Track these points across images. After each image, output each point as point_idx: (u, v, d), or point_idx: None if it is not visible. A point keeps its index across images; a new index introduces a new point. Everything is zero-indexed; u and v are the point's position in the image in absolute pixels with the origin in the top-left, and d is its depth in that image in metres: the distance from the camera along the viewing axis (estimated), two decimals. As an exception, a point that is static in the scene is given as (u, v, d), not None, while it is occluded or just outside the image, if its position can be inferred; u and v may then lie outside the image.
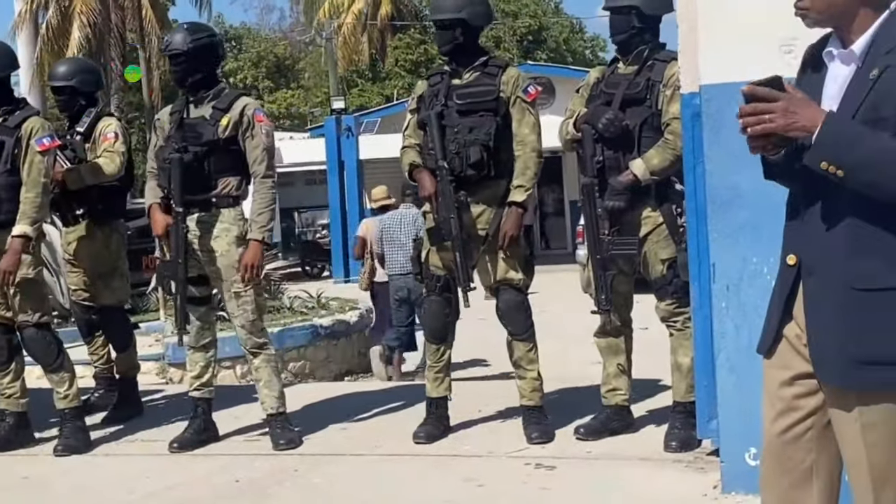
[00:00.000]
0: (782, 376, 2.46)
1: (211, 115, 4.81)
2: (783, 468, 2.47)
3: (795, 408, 2.44)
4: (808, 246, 2.36)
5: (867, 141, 2.22)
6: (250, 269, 4.72)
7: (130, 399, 5.70)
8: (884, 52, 2.28)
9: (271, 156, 4.84)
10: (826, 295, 2.32)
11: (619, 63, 4.60)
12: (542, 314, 4.79)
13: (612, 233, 4.41)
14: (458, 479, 4.21)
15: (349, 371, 8.79)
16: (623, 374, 4.64)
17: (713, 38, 3.69)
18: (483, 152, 4.58)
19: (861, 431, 2.31)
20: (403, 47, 33.94)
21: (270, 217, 4.79)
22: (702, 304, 3.93)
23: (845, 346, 2.29)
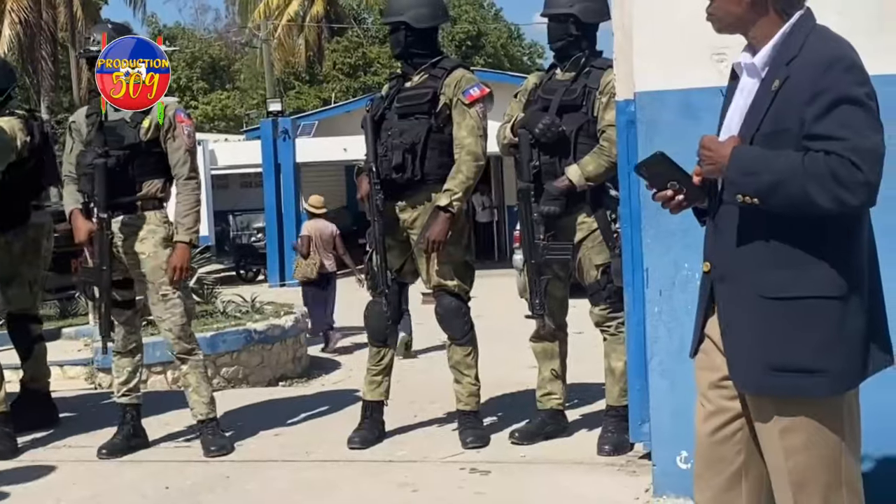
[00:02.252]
0: (710, 378, 2.50)
1: (132, 118, 4.73)
2: (714, 469, 2.50)
3: (724, 409, 2.48)
4: (720, 255, 2.42)
5: (772, 165, 2.25)
6: (178, 271, 4.66)
7: (40, 410, 5.49)
8: (784, 63, 2.32)
9: (194, 157, 4.79)
10: (737, 303, 2.38)
11: (557, 70, 4.62)
12: (478, 319, 4.79)
13: (548, 238, 4.43)
14: (393, 485, 4.19)
15: (283, 376, 8.70)
16: (557, 378, 4.66)
17: (647, 46, 3.73)
18: (407, 155, 4.56)
19: (779, 436, 2.35)
20: (341, 50, 33.84)
21: (196, 218, 4.75)
22: (635, 308, 3.96)
23: (756, 353, 2.34)
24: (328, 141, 19.94)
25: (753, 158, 2.29)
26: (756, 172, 2.26)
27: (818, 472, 2.35)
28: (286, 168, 19.71)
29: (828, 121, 2.23)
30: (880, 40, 3.23)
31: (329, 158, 19.86)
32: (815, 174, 2.20)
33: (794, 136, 2.27)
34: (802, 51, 2.31)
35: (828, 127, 2.23)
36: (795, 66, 2.29)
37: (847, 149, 2.20)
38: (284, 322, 8.94)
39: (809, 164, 2.22)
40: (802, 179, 2.21)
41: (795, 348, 2.30)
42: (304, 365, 9.16)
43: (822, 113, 2.23)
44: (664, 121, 3.68)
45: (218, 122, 34.61)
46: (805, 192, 2.21)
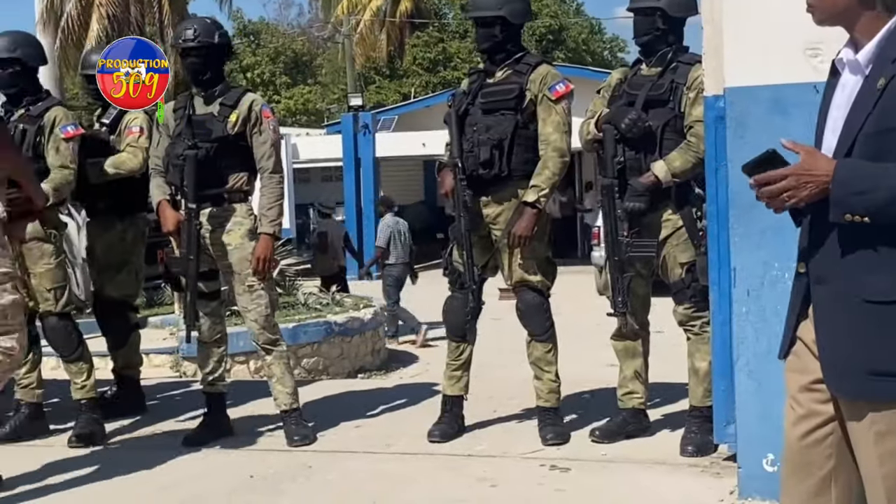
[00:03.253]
0: (802, 381, 2.45)
1: (219, 112, 4.81)
2: (803, 473, 2.45)
3: (815, 413, 2.42)
4: (819, 256, 2.35)
5: (880, 181, 2.19)
6: (262, 262, 4.73)
7: (131, 397, 5.64)
8: (890, 61, 2.24)
9: (278, 151, 4.88)
10: (837, 306, 2.31)
11: (642, 65, 4.57)
12: (556, 316, 4.77)
13: (632, 235, 4.38)
14: (472, 479, 4.19)
15: (362, 368, 8.79)
16: (639, 377, 4.62)
17: (738, 41, 3.66)
18: (494, 151, 4.55)
19: (874, 441, 2.30)
20: (422, 45, 33.95)
21: (280, 211, 4.83)
22: (721, 308, 3.90)
23: (856, 358, 2.28)
24: (407, 136, 20.03)
25: (861, 176, 2.21)
26: (866, 191, 2.19)
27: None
28: (366, 162, 19.87)
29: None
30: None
31: (408, 153, 19.97)
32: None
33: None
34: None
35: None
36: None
37: None
38: (364, 315, 9.04)
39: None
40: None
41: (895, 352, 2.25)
42: (382, 358, 9.24)
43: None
44: (754, 117, 3.61)
45: (300, 116, 35.02)
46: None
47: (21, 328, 3.99)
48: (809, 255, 2.39)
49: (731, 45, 3.68)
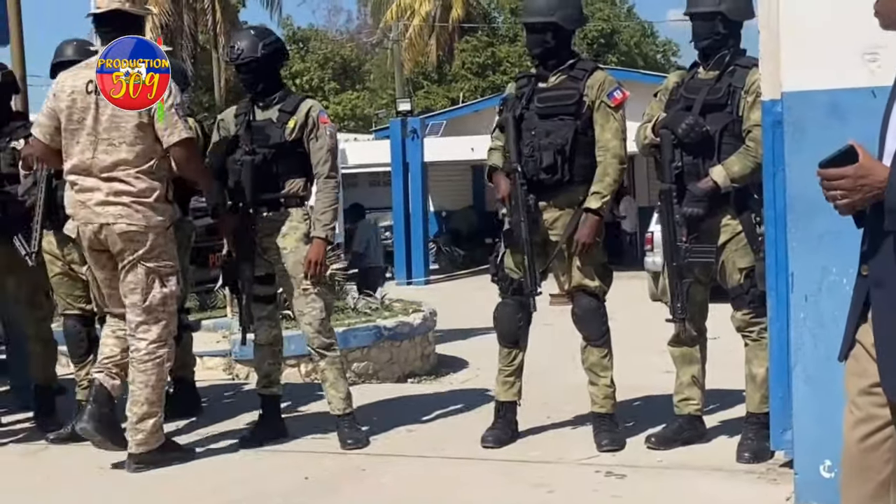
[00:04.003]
0: (861, 384, 2.44)
1: (278, 118, 4.88)
2: (862, 477, 2.44)
3: (874, 416, 2.41)
4: (879, 259, 2.34)
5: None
6: (314, 265, 4.78)
7: (186, 398, 5.68)
8: None
9: (334, 156, 4.92)
10: (894, 308, 2.28)
11: (699, 68, 4.54)
12: (611, 321, 4.75)
13: (690, 240, 4.36)
14: (527, 485, 4.20)
15: (412, 373, 8.82)
16: (696, 384, 4.58)
17: (795, 45, 3.64)
18: (557, 156, 4.56)
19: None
20: (470, 50, 33.99)
21: (334, 216, 4.87)
22: (778, 314, 3.87)
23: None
24: (456, 140, 20.09)
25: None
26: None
27: None
28: (414, 167, 19.93)
29: None
30: None
31: (456, 158, 20.01)
32: None
33: None
34: None
35: None
36: None
37: None
38: (413, 319, 9.07)
39: None
40: None
41: None
42: (432, 363, 9.27)
43: None
44: (811, 121, 3.59)
45: (348, 121, 35.23)
46: None
47: (171, 318, 4.67)
48: (870, 258, 2.38)
49: (787, 49, 3.66)
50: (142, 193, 4.54)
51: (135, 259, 4.54)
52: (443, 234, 22.32)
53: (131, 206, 4.52)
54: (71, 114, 4.58)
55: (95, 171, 4.55)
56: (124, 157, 4.53)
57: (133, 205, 4.52)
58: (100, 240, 4.57)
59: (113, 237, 4.53)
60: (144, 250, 4.54)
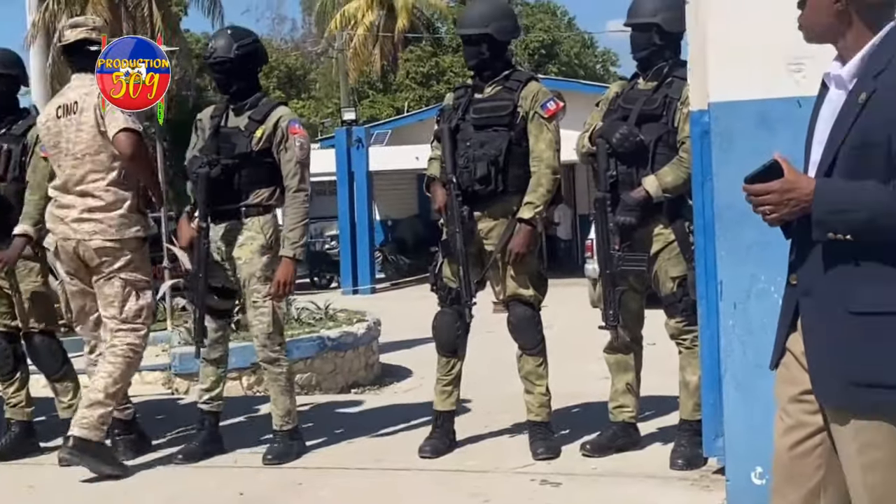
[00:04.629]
0: (791, 391, 2.46)
1: (246, 126, 4.80)
2: (792, 484, 2.46)
3: (805, 423, 2.44)
4: (806, 268, 2.37)
5: (861, 200, 2.22)
6: (281, 286, 4.70)
7: None
8: (873, 76, 2.27)
9: (305, 168, 4.79)
10: (822, 317, 2.33)
11: (639, 79, 4.59)
12: (548, 329, 4.78)
13: (623, 248, 4.40)
14: (464, 495, 4.20)
15: (356, 383, 8.78)
16: (631, 391, 4.62)
17: (722, 56, 3.69)
18: (490, 167, 4.58)
19: (857, 452, 2.31)
20: (415, 60, 34.03)
21: (303, 233, 4.76)
22: (709, 321, 3.91)
23: (841, 368, 2.30)
24: (401, 149, 20.09)
25: (840, 195, 2.25)
26: (846, 210, 2.23)
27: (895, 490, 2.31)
28: (359, 176, 19.91)
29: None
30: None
31: (402, 167, 20.02)
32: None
33: (882, 151, 2.23)
34: (892, 64, 2.26)
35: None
36: (885, 80, 2.25)
37: None
38: (357, 329, 9.03)
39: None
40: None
41: (880, 364, 2.26)
42: (376, 372, 9.24)
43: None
44: (739, 131, 3.64)
45: (293, 130, 34.96)
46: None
47: (148, 329, 4.84)
48: (798, 267, 2.41)
49: (714, 60, 3.71)
50: (112, 206, 4.68)
51: (112, 272, 4.68)
52: (389, 242, 22.30)
53: (104, 222, 4.67)
54: (48, 140, 4.81)
55: (70, 187, 4.71)
56: (90, 168, 4.67)
57: (106, 220, 4.67)
58: (78, 255, 4.70)
59: (90, 252, 4.67)
60: (121, 264, 4.68)
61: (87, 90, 4.76)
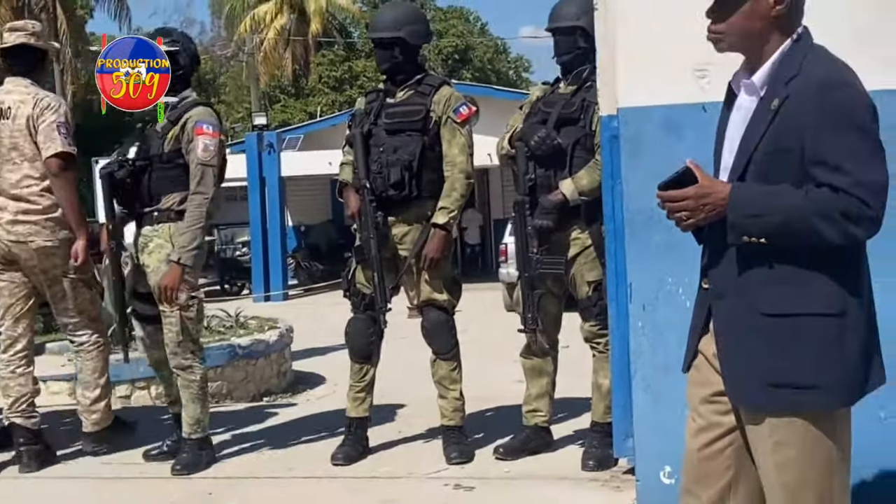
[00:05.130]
0: (702, 393, 2.49)
1: (163, 128, 4.71)
2: (703, 485, 2.49)
3: (716, 424, 2.47)
4: (718, 271, 2.40)
5: (776, 204, 2.26)
6: (165, 290, 4.57)
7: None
8: (784, 82, 2.30)
9: (207, 170, 4.58)
10: (736, 320, 2.37)
11: (561, 83, 4.61)
12: (462, 333, 4.79)
13: (541, 251, 4.42)
14: (377, 501, 4.17)
15: (268, 391, 8.67)
16: (545, 395, 4.65)
17: (631, 62, 3.73)
18: (404, 172, 4.57)
19: (771, 451, 2.35)
20: (327, 64, 33.88)
21: (193, 237, 4.56)
22: (619, 323, 3.95)
23: (756, 369, 2.33)
24: (313, 154, 19.96)
25: (755, 199, 2.27)
26: (761, 214, 2.26)
27: (809, 488, 2.35)
28: (271, 182, 19.72)
29: (836, 148, 2.23)
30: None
31: (314, 172, 19.90)
32: (824, 213, 2.22)
33: (795, 156, 2.26)
34: (803, 70, 2.30)
35: (835, 155, 2.23)
36: (796, 86, 2.28)
37: (854, 185, 2.21)
38: (269, 337, 8.92)
39: (818, 202, 2.22)
40: (811, 218, 2.22)
41: (792, 364, 2.30)
42: (288, 380, 9.14)
43: (829, 138, 2.23)
44: (647, 136, 3.69)
45: (203, 135, 34.49)
46: (814, 229, 2.23)
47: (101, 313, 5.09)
48: (710, 271, 2.43)
49: (623, 65, 3.75)
50: (48, 210, 4.76)
51: (58, 274, 4.83)
52: (301, 248, 22.14)
53: (39, 224, 4.75)
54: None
55: (5, 189, 4.77)
56: (27, 174, 4.75)
57: (41, 222, 4.75)
58: (13, 254, 4.79)
59: (29, 253, 4.77)
60: (65, 265, 4.81)
61: (21, 98, 4.77)
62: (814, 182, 2.25)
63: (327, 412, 5.89)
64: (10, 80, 4.88)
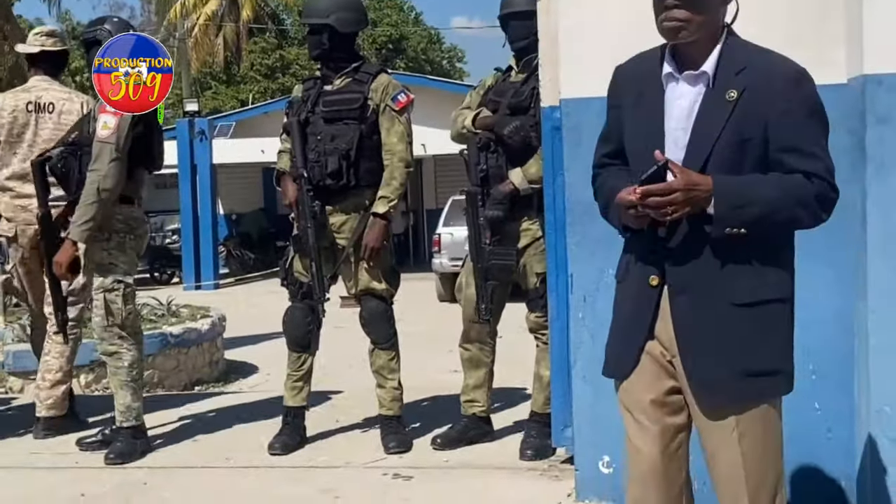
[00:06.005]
0: (649, 396, 2.44)
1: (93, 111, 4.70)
2: (663, 489, 2.46)
3: (669, 426, 2.44)
4: (678, 267, 2.35)
5: (758, 195, 2.28)
6: (59, 266, 4.59)
7: None
8: (734, 74, 2.32)
9: (103, 148, 4.49)
10: (704, 313, 2.34)
11: (512, 71, 4.60)
12: (397, 323, 4.77)
13: (493, 242, 4.42)
14: (315, 491, 4.15)
15: (199, 380, 8.56)
16: (483, 385, 4.65)
17: (573, 53, 3.74)
18: (342, 161, 4.53)
19: (738, 441, 2.36)
20: (259, 51, 33.52)
21: (82, 213, 4.48)
22: (559, 314, 3.98)
23: (728, 361, 2.33)
24: (245, 142, 19.74)
25: (736, 190, 2.28)
26: (744, 205, 2.27)
27: (770, 470, 2.39)
28: (202, 169, 19.43)
29: (808, 136, 2.31)
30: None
31: (246, 160, 19.68)
32: (803, 200, 2.30)
33: (756, 146, 2.30)
34: (753, 62, 2.33)
35: (808, 142, 2.31)
36: (753, 77, 2.30)
37: (825, 170, 2.31)
38: (201, 325, 8.81)
39: (797, 189, 2.29)
40: (792, 206, 2.30)
41: (762, 352, 2.34)
42: (220, 369, 9.03)
43: (802, 127, 2.31)
44: (589, 127, 3.68)
45: (132, 121, 33.93)
46: (794, 217, 2.32)
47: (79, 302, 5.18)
48: (668, 266, 2.37)
49: (565, 56, 3.76)
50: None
51: None
52: (233, 237, 21.88)
53: None
54: (11, 129, 5.09)
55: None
56: None
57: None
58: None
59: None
60: None
61: (65, 96, 5.20)
62: (782, 169, 2.30)
63: (261, 401, 5.84)
64: (42, 77, 5.24)
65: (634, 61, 2.55)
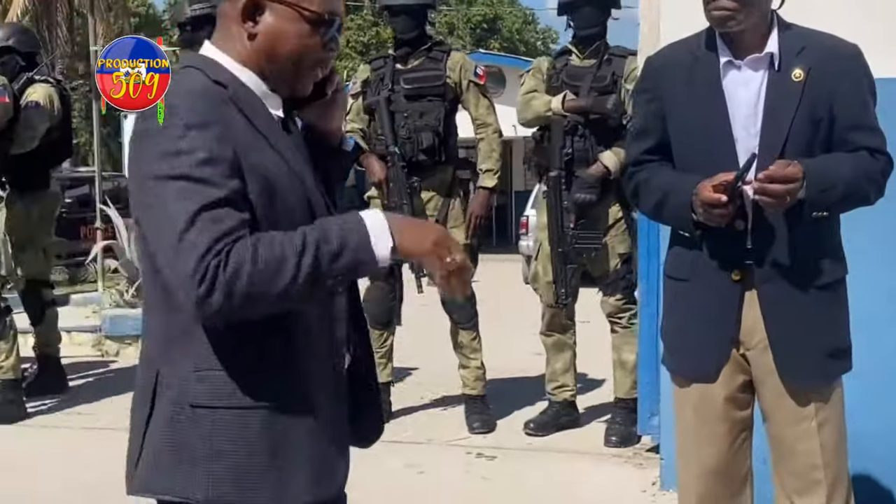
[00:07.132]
0: (724, 393, 2.41)
1: None
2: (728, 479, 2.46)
3: (737, 422, 2.44)
4: (763, 257, 2.32)
5: (839, 175, 2.28)
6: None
7: (49, 376, 5.53)
8: (795, 54, 2.29)
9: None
10: (792, 299, 2.32)
11: (571, 56, 4.57)
12: (482, 304, 4.78)
13: (578, 226, 4.39)
14: (399, 465, 4.19)
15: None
16: (569, 370, 4.64)
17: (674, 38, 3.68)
18: (435, 138, 4.57)
19: (817, 431, 2.35)
20: (356, 28, 33.72)
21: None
22: (649, 300, 3.94)
23: (815, 344, 2.35)
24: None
25: (821, 174, 2.25)
26: (828, 188, 2.26)
27: (844, 464, 2.40)
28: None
29: (870, 112, 2.36)
30: None
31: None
32: (871, 177, 2.33)
33: (826, 126, 2.31)
34: (811, 42, 2.32)
35: (870, 118, 2.35)
36: (815, 57, 2.29)
37: (884, 143, 2.35)
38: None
39: (867, 166, 2.32)
40: (865, 184, 2.33)
41: (839, 332, 2.39)
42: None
43: (863, 104, 2.34)
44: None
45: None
46: (865, 194, 2.35)
47: None
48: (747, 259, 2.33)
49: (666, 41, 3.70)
50: None
51: None
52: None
53: None
54: None
55: None
56: None
57: None
58: None
59: None
60: None
61: None
62: (847, 147, 2.31)
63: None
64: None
65: (668, 51, 2.54)
